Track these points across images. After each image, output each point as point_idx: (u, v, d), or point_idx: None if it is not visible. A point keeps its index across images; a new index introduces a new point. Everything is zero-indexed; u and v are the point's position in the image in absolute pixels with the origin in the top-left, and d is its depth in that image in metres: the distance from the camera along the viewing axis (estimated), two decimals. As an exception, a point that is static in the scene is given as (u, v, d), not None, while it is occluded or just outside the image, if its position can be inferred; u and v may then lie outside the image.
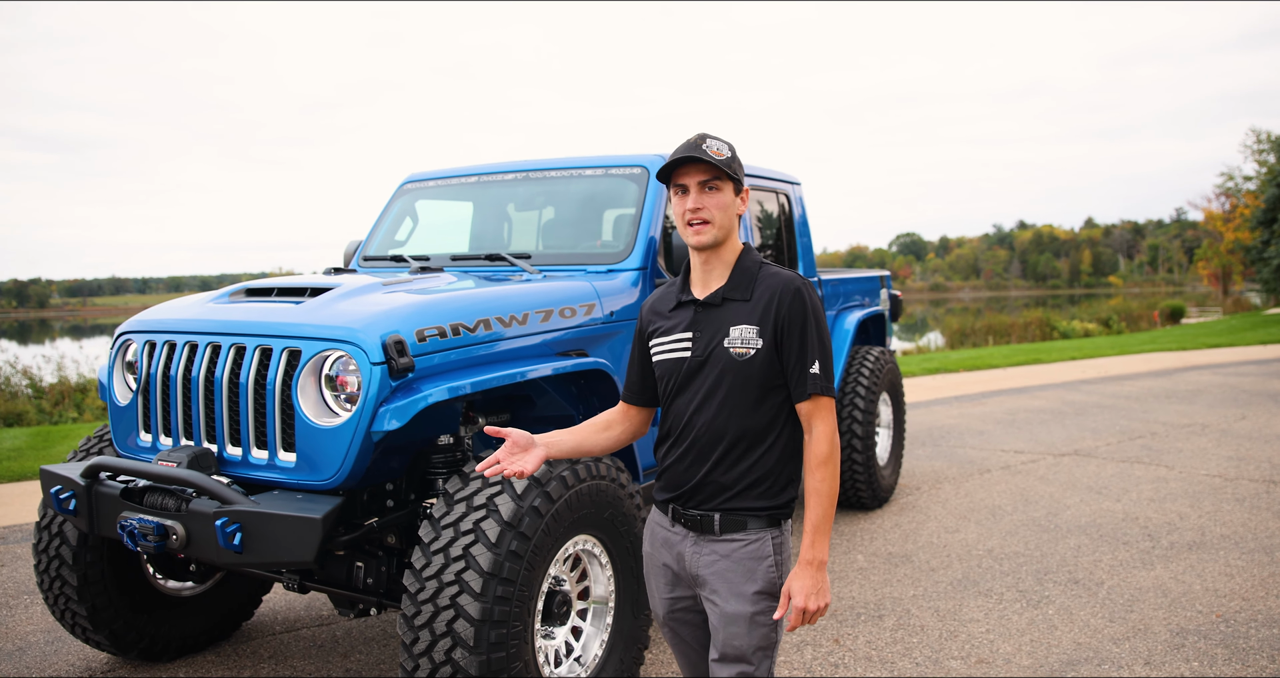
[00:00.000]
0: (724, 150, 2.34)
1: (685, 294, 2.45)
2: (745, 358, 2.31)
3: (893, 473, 6.90)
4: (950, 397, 12.14)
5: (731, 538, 2.35)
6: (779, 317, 2.31)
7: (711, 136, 2.37)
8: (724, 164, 2.31)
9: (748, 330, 2.32)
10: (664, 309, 2.49)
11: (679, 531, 2.43)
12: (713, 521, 2.35)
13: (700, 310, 2.39)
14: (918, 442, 9.12)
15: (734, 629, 2.33)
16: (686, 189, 2.35)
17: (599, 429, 2.57)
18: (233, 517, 3.01)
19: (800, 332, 2.32)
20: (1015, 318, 30.55)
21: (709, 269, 2.41)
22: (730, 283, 2.39)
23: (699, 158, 2.30)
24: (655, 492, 2.52)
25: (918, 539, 5.92)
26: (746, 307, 2.35)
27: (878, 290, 7.31)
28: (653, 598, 2.56)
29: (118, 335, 3.78)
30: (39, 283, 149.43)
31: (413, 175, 5.39)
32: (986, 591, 4.96)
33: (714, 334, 2.36)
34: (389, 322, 3.18)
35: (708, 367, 2.35)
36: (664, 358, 2.44)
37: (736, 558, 2.34)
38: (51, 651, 4.43)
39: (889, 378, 6.75)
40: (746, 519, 2.34)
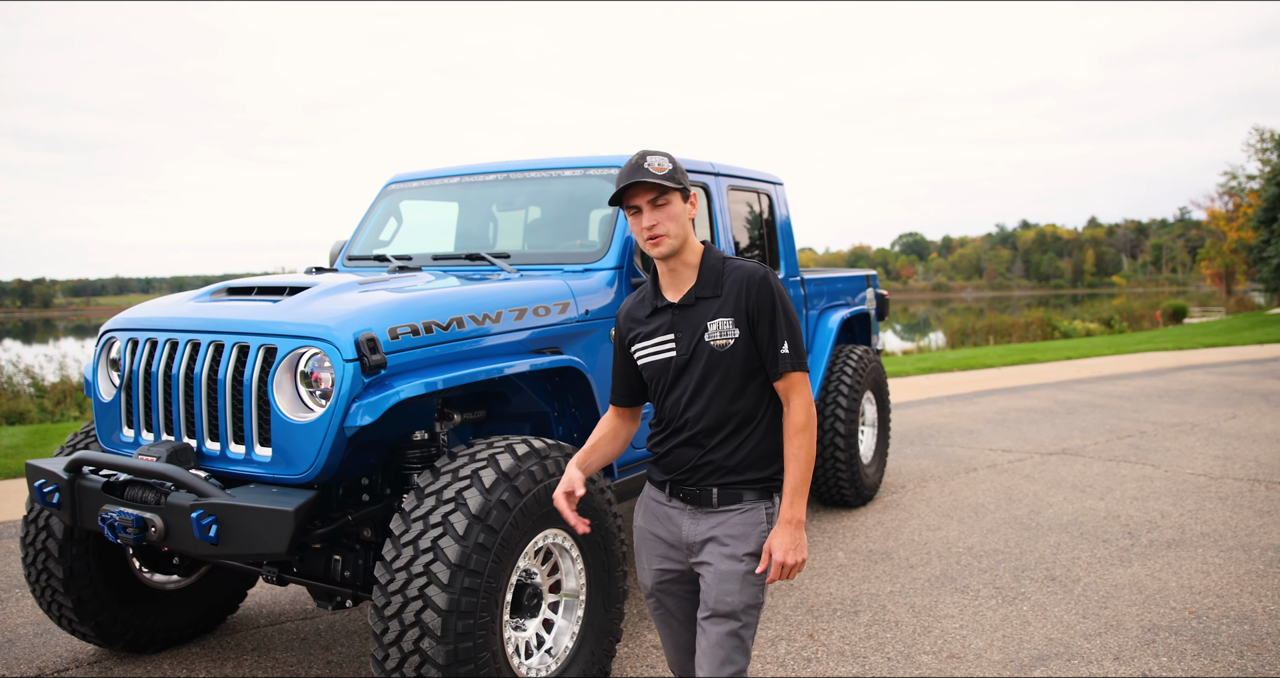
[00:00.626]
0: (665, 164, 2.53)
1: (659, 300, 2.63)
2: (726, 348, 2.52)
3: (877, 471, 6.95)
4: (942, 396, 12.19)
5: (728, 509, 2.57)
6: (749, 304, 2.52)
7: (651, 153, 2.55)
8: (667, 178, 2.50)
9: (724, 323, 2.53)
10: (641, 315, 2.67)
11: (676, 504, 2.63)
12: (711, 494, 2.57)
13: (677, 312, 2.58)
14: (906, 440, 9.18)
15: (727, 586, 2.52)
16: (639, 209, 2.54)
17: (612, 439, 2.77)
18: (208, 509, 3.08)
19: (770, 316, 2.53)
20: (1017, 318, 30.60)
21: (677, 274, 2.61)
22: (699, 283, 2.58)
23: (643, 180, 2.48)
24: (652, 473, 2.71)
25: (899, 537, 5.98)
26: (718, 302, 2.55)
27: (862, 290, 7.37)
28: (642, 570, 2.73)
29: (102, 333, 3.86)
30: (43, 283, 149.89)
31: (397, 176, 5.46)
32: (963, 587, 5.02)
33: (694, 332, 2.55)
34: (362, 320, 3.25)
35: (693, 362, 2.55)
36: (651, 360, 2.63)
37: (732, 524, 2.56)
38: (40, 643, 4.50)
39: (873, 377, 6.81)
40: (742, 492, 2.56)
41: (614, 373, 2.77)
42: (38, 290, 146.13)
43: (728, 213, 5.37)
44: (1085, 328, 28.27)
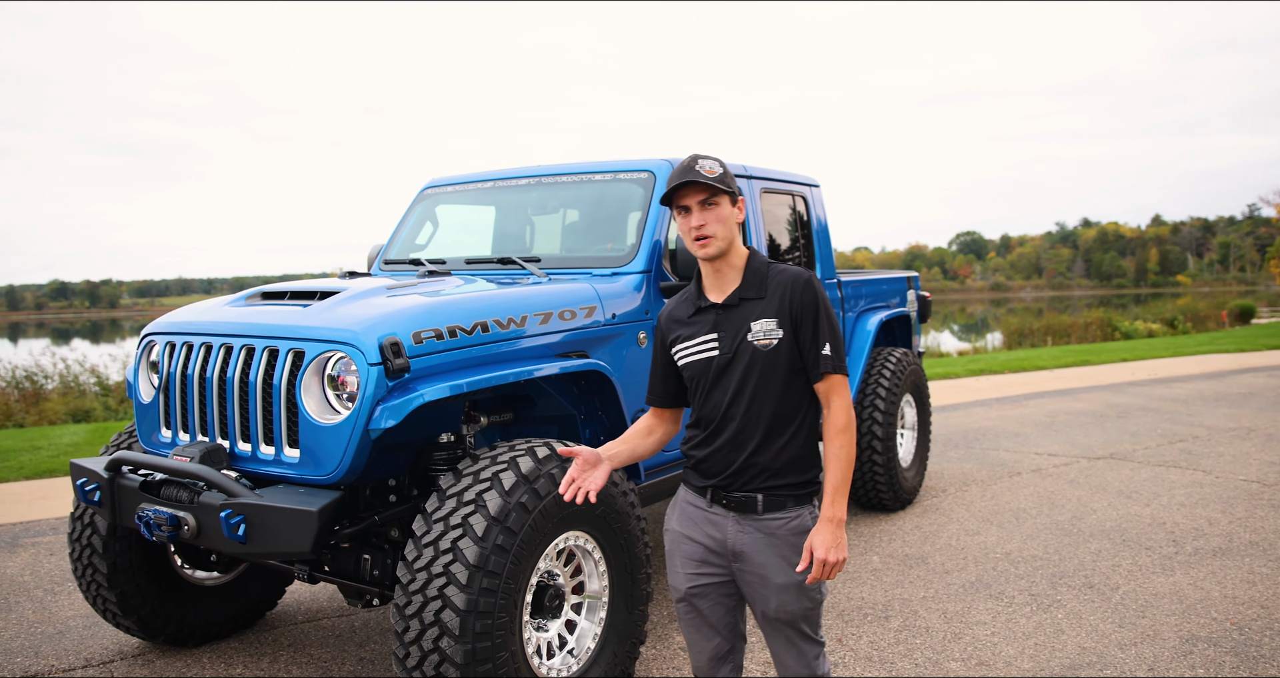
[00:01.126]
0: (715, 168, 2.59)
1: (703, 301, 2.68)
2: (769, 348, 2.57)
3: (916, 475, 6.89)
4: (991, 398, 12.02)
5: (774, 517, 2.59)
6: (793, 306, 2.57)
7: (702, 156, 2.62)
8: (718, 181, 2.56)
9: (768, 323, 2.58)
10: (683, 316, 2.71)
11: (719, 511, 2.64)
12: (755, 501, 2.59)
13: (721, 313, 2.63)
14: (950, 443, 9.07)
15: (786, 597, 2.59)
16: (689, 209, 2.60)
17: (644, 435, 2.79)
18: (237, 509, 3.17)
19: (813, 318, 2.58)
20: (1076, 318, 29.99)
21: (721, 276, 2.66)
22: (744, 284, 2.64)
23: (695, 180, 2.54)
24: (690, 478, 2.72)
25: (936, 541, 5.92)
26: (762, 303, 2.60)
27: (903, 292, 7.31)
28: (675, 575, 2.73)
29: (143, 337, 3.99)
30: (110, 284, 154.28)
31: (433, 181, 5.55)
32: (998, 593, 4.96)
33: (737, 331, 2.60)
34: (387, 324, 3.32)
35: (736, 361, 2.59)
36: (692, 360, 2.66)
37: (782, 535, 2.58)
38: (89, 635, 4.66)
39: (912, 379, 6.74)
40: (786, 499, 2.59)
41: (653, 374, 2.81)
42: (105, 291, 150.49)
43: (761, 216, 5.37)
44: (1147, 328, 27.60)
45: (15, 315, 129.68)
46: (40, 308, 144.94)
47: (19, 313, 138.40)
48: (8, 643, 4.57)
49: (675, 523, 2.75)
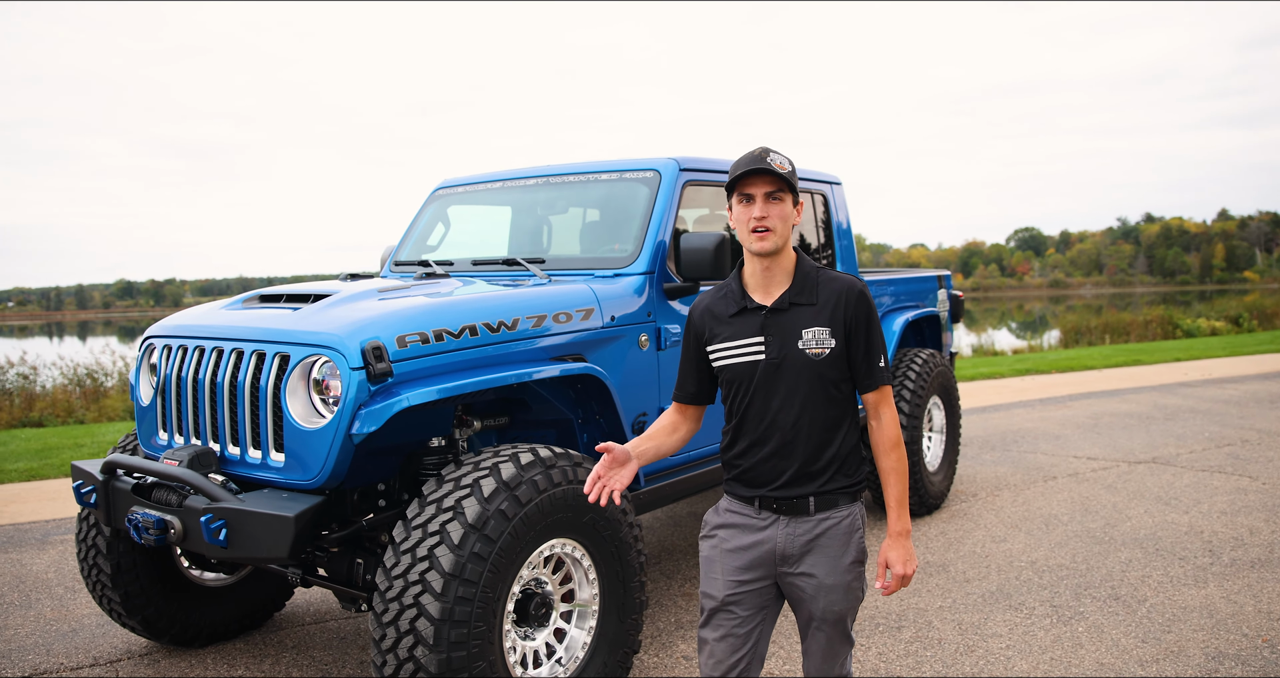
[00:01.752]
0: (786, 165, 2.55)
1: (748, 301, 2.60)
2: (821, 357, 2.53)
3: (944, 479, 6.71)
4: (1034, 399, 11.72)
5: (826, 517, 2.58)
6: (847, 316, 2.54)
7: (774, 151, 2.57)
8: (789, 177, 2.50)
9: (820, 332, 2.53)
10: (723, 314, 2.64)
11: (766, 516, 2.61)
12: (808, 502, 2.57)
13: (769, 316, 2.57)
14: (988, 446, 8.85)
15: (834, 596, 2.58)
16: (752, 198, 2.53)
17: (669, 432, 2.74)
18: (217, 513, 3.16)
19: (866, 329, 2.56)
20: (1136, 315, 29.19)
21: (770, 276, 2.59)
22: (794, 288, 2.58)
23: (767, 169, 2.47)
24: (734, 488, 2.66)
25: (960, 548, 5.76)
26: (814, 310, 2.55)
27: (933, 291, 7.13)
28: (712, 582, 2.65)
29: (143, 339, 4.01)
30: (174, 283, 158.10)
31: (445, 182, 5.52)
32: (1017, 604, 4.79)
33: (786, 337, 2.55)
34: (370, 328, 3.28)
35: (784, 368, 2.54)
36: (734, 362, 2.60)
37: (833, 534, 2.58)
38: (100, 634, 4.71)
39: (939, 381, 6.57)
40: (838, 497, 2.58)
41: (682, 370, 2.75)
42: (169, 290, 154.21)
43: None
44: (1210, 326, 26.74)
45: (84, 314, 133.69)
46: (108, 306, 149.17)
47: (88, 311, 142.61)
48: (23, 640, 4.64)
49: (718, 531, 2.68)
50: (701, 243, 4.10)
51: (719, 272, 4.11)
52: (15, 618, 4.95)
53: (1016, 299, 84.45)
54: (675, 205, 4.49)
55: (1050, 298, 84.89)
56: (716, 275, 4.11)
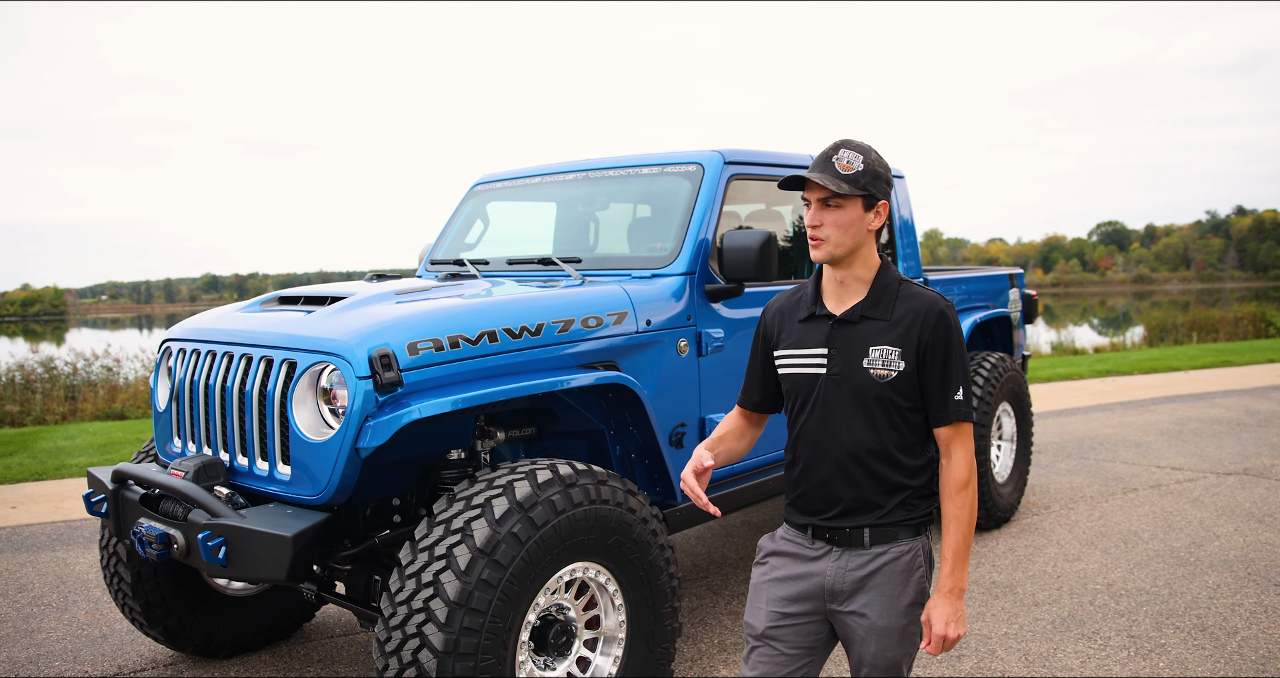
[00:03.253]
0: (854, 163, 2.27)
1: (819, 307, 2.40)
2: (886, 380, 2.29)
3: (1014, 491, 6.30)
4: (1115, 402, 11.12)
5: (883, 550, 2.34)
6: (922, 340, 2.29)
7: (848, 145, 2.30)
8: (849, 180, 2.24)
9: (890, 352, 2.30)
10: (794, 318, 2.45)
11: (819, 546, 2.39)
12: (862, 535, 2.34)
13: (836, 327, 2.35)
14: (1063, 453, 8.36)
15: (887, 641, 2.33)
16: (810, 203, 2.32)
17: (738, 437, 2.58)
18: (216, 531, 2.98)
19: (944, 356, 2.29)
20: (1225, 312, 27.86)
21: (844, 285, 2.38)
22: (869, 300, 2.34)
23: (809, 178, 2.26)
24: (790, 514, 2.46)
25: (1029, 567, 5.36)
26: (886, 326, 2.31)
27: (1003, 290, 6.71)
28: (756, 612, 2.45)
29: (161, 343, 3.87)
30: (256, 277, 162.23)
31: (483, 177, 5.31)
32: (1091, 633, 4.40)
33: (852, 352, 2.32)
34: (380, 335, 3.07)
35: (845, 386, 2.32)
36: (796, 372, 2.41)
37: (889, 571, 2.33)
38: (129, 641, 4.61)
39: (1009, 387, 6.16)
40: (897, 530, 2.34)
41: (749, 374, 2.56)
42: (252, 284, 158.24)
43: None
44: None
45: (172, 307, 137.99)
46: (194, 300, 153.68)
47: (175, 305, 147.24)
48: (52, 645, 4.56)
49: (770, 558, 2.47)
50: (745, 241, 3.83)
51: (764, 272, 3.83)
52: (50, 621, 4.90)
53: (1099, 295, 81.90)
54: (719, 201, 4.20)
55: (1134, 294, 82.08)
56: (761, 276, 3.83)
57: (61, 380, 14.95)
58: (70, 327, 59.14)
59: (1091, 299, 69.40)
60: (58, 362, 16.05)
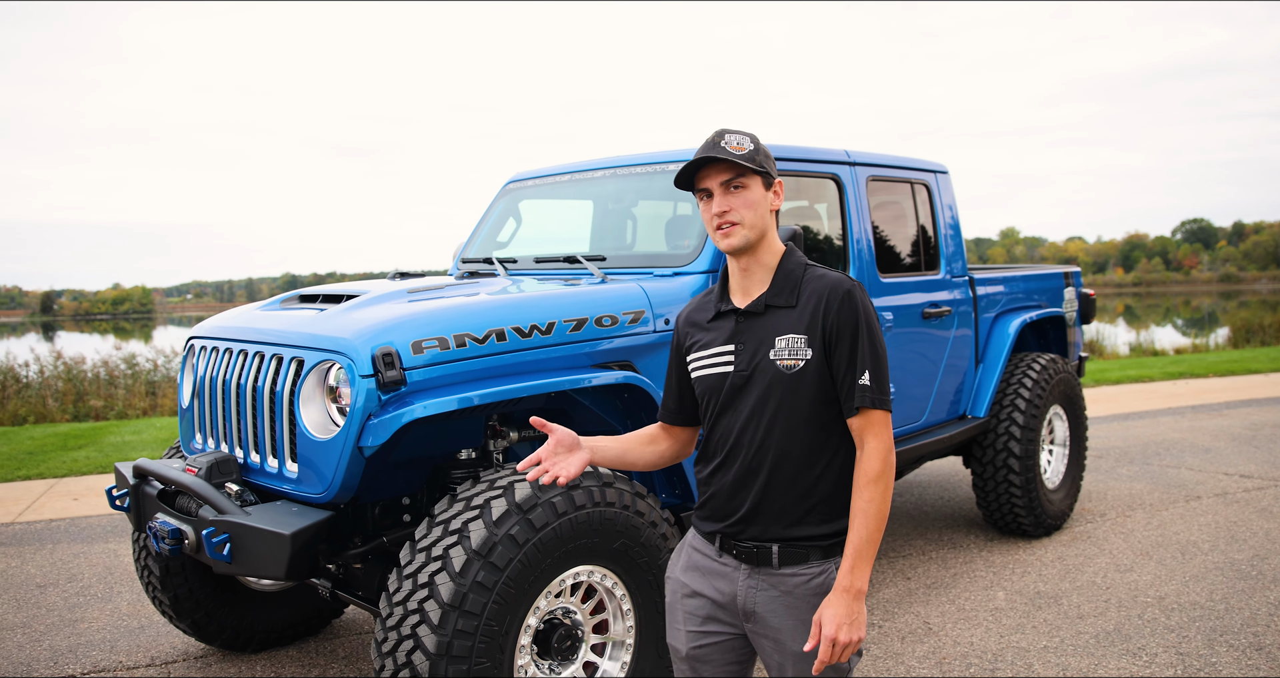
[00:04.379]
0: (745, 144, 2.17)
1: (724, 303, 2.27)
2: (794, 371, 2.14)
3: (1066, 497, 6.07)
4: (1185, 406, 10.68)
5: (794, 572, 2.17)
6: (827, 323, 2.13)
7: (730, 131, 2.20)
8: (746, 159, 2.14)
9: (795, 340, 2.14)
10: (702, 320, 2.31)
11: (729, 561, 2.24)
12: (770, 553, 2.17)
13: (742, 320, 2.21)
14: (1125, 458, 8.05)
15: (805, 668, 2.16)
16: (710, 193, 2.19)
17: (644, 442, 2.41)
18: (220, 527, 3.00)
19: (851, 338, 2.13)
20: (1318, 313, 26.63)
21: (748, 275, 2.24)
22: (773, 288, 2.20)
23: (717, 157, 2.13)
24: (698, 520, 2.32)
25: (1077, 578, 5.15)
26: (793, 314, 2.17)
27: (1058, 289, 6.47)
28: (675, 632, 2.32)
29: (187, 341, 3.92)
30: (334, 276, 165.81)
31: (516, 175, 5.29)
32: (1137, 649, 4.20)
33: (758, 346, 2.18)
34: (384, 333, 3.06)
35: (753, 382, 2.17)
36: (705, 374, 2.26)
37: (801, 594, 2.16)
38: (164, 633, 4.70)
39: (1061, 389, 5.94)
40: (808, 551, 2.17)
41: (666, 384, 2.41)
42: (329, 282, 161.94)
43: (867, 208, 4.79)
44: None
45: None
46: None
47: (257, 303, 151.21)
48: (93, 635, 4.67)
49: (679, 571, 2.33)
50: (769, 238, 3.72)
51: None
52: (93, 611, 5.01)
53: (1183, 294, 79.15)
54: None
55: (1221, 293, 79.09)
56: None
57: (143, 376, 15.41)
58: (157, 324, 61.17)
59: (1175, 299, 67.12)
60: (139, 358, 16.56)
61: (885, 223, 5.03)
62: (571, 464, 2.16)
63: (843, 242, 4.66)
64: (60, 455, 9.28)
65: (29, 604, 5.12)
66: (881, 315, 4.73)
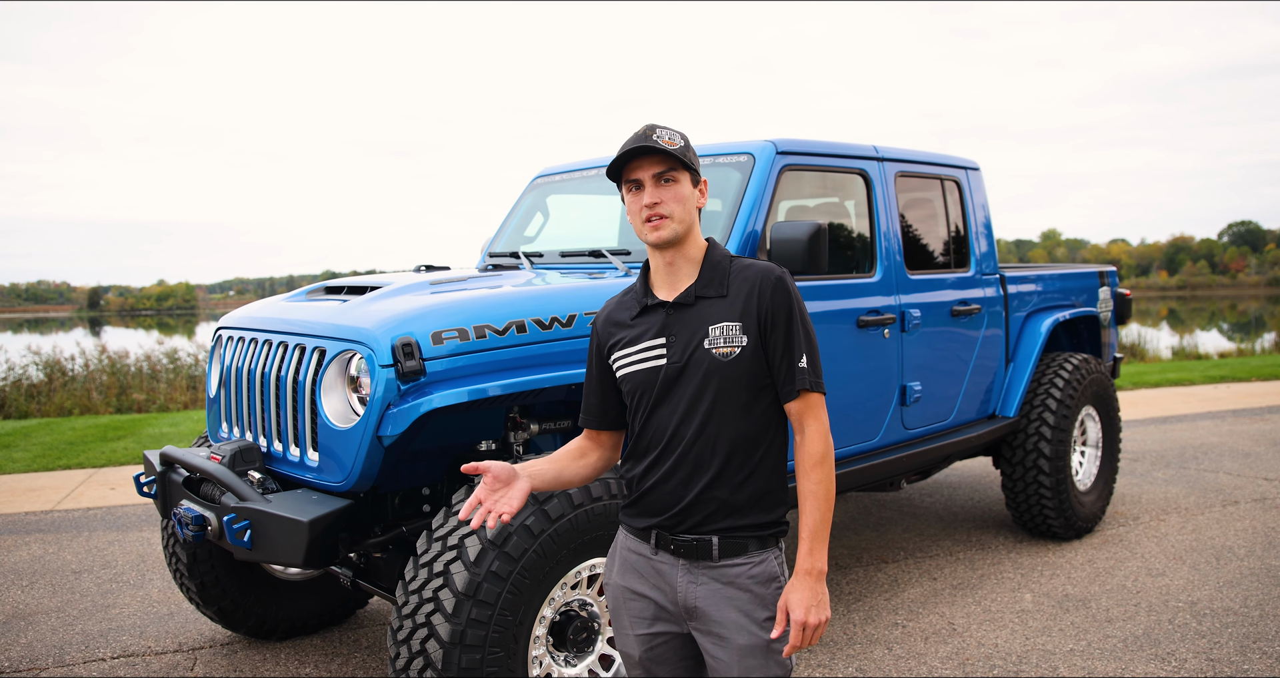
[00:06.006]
0: (676, 140, 2.17)
1: (649, 298, 2.22)
2: (730, 358, 2.13)
3: (1098, 499, 5.98)
4: (1226, 410, 10.47)
5: (733, 563, 2.15)
6: (761, 309, 2.14)
7: (661, 126, 2.18)
8: (679, 153, 2.12)
9: (730, 328, 2.14)
10: (624, 319, 2.25)
11: (665, 558, 2.19)
12: (710, 545, 2.14)
13: (671, 313, 2.18)
14: (1161, 461, 7.91)
15: (751, 662, 2.13)
16: (640, 184, 2.16)
17: (575, 457, 2.35)
18: (241, 514, 3.04)
19: (786, 324, 2.15)
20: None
21: (674, 269, 2.21)
22: (702, 280, 2.19)
23: (651, 148, 2.11)
24: (628, 517, 2.26)
25: (1107, 581, 5.07)
26: (724, 303, 2.16)
27: (1092, 289, 6.37)
28: (624, 638, 2.27)
29: (215, 331, 3.98)
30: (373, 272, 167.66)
31: (544, 170, 5.30)
32: (1166, 654, 4.13)
33: (691, 336, 2.15)
34: (404, 324, 3.08)
35: (688, 372, 2.14)
36: (634, 370, 2.21)
37: (743, 584, 2.14)
38: (193, 619, 4.77)
39: (1093, 390, 5.84)
40: (747, 541, 2.15)
41: (586, 389, 2.35)
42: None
43: (895, 204, 4.75)
44: None
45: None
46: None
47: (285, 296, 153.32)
48: (123, 621, 4.75)
49: (615, 575, 2.28)
50: (794, 232, 3.71)
51: (814, 265, 3.70)
52: (125, 597, 5.10)
53: (1229, 298, 77.61)
54: (770, 192, 4.09)
55: (1269, 297, 77.51)
56: (811, 269, 3.71)
57: (185, 371, 15.66)
58: (200, 320, 62.13)
59: (1221, 302, 65.88)
60: (181, 353, 16.85)
61: (914, 220, 4.98)
62: (513, 498, 2.08)
63: (870, 238, 4.62)
64: (100, 446, 9.46)
65: (64, 589, 5.22)
66: (909, 313, 4.69)
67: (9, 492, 7.62)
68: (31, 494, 7.52)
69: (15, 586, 5.30)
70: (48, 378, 14.20)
